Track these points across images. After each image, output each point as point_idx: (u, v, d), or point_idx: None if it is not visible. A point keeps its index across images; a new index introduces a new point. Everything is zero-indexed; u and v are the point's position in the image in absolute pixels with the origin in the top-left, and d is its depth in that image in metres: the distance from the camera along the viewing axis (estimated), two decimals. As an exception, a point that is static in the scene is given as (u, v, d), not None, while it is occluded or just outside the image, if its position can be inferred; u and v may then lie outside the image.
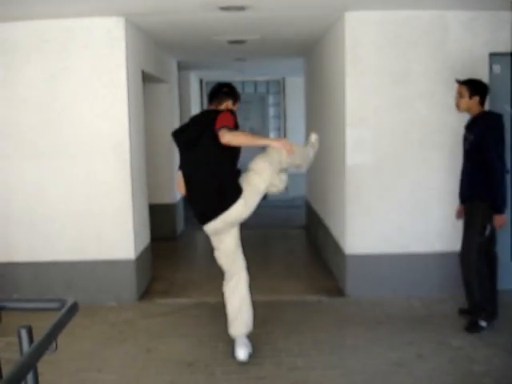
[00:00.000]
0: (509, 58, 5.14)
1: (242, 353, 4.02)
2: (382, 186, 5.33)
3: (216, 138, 3.69)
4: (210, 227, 3.89)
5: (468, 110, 4.56)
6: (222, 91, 4.14)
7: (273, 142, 3.96)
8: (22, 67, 5.15)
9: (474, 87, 4.50)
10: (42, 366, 1.75)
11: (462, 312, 4.85)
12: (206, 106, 12.23)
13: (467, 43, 5.15)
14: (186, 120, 4.27)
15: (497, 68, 5.19)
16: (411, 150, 5.28)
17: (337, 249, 5.85)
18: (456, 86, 4.57)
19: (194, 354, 4.21)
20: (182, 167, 4.06)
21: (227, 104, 4.08)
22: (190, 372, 3.92)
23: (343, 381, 3.75)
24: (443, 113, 5.16)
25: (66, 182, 5.26)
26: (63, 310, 2.22)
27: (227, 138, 3.63)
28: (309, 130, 8.59)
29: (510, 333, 4.48)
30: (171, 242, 8.05)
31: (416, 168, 5.29)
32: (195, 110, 11.12)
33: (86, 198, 5.27)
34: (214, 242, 4.08)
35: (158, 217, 7.20)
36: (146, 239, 5.90)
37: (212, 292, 5.58)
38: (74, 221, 5.30)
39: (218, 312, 5.02)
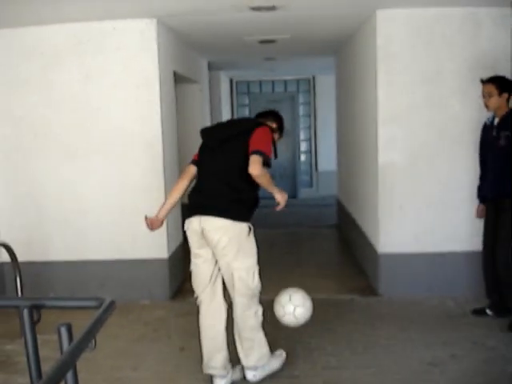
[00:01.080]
0: (542, 54, 5.08)
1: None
2: (415, 184, 5.30)
3: (247, 148, 3.49)
4: (207, 223, 3.53)
5: (498, 109, 4.52)
6: (274, 117, 3.95)
7: (277, 193, 3.59)
8: (57, 68, 5.26)
9: (502, 84, 4.47)
10: (78, 364, 1.76)
11: (476, 312, 4.85)
12: (236, 106, 12.28)
13: (500, 40, 5.06)
14: (221, 121, 4.24)
15: (531, 65, 5.12)
16: (444, 148, 5.23)
17: (369, 248, 5.82)
18: (482, 86, 4.54)
19: (227, 351, 4.24)
20: (199, 162, 3.77)
21: (274, 135, 3.83)
22: (224, 370, 3.95)
23: (376, 380, 3.76)
24: (476, 111, 5.09)
25: (101, 182, 5.35)
26: (101, 309, 2.26)
27: (258, 171, 3.40)
28: (339, 128, 8.58)
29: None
30: (203, 240, 8.10)
31: (449, 167, 5.24)
32: (226, 109, 11.18)
33: (120, 198, 5.35)
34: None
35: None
36: (178, 238, 5.95)
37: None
38: (108, 220, 5.38)
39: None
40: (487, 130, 4.67)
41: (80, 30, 5.19)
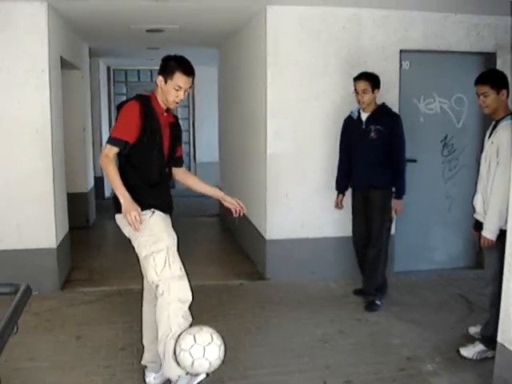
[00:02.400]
0: (418, 54, 5.56)
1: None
2: (300, 174, 5.58)
3: None
4: None
5: (369, 104, 4.82)
6: (161, 64, 3.41)
7: (124, 202, 3.16)
8: None
9: (375, 82, 4.78)
10: None
11: (356, 292, 5.24)
12: (113, 95, 12.08)
13: (380, 40, 5.49)
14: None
15: (406, 64, 5.58)
16: (327, 139, 5.53)
17: (256, 234, 6.05)
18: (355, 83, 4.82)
19: (125, 339, 4.26)
20: None
21: (160, 81, 3.34)
22: (124, 356, 3.99)
23: (272, 357, 3.97)
24: (356, 105, 5.46)
25: (-15, 170, 5.11)
26: (19, 293, 2.27)
27: (101, 162, 3.21)
28: (222, 120, 8.74)
29: (420, 309, 4.89)
30: (85, 231, 7.97)
31: (331, 157, 5.54)
32: (104, 98, 10.98)
33: (5, 186, 5.13)
34: None
35: (72, 206, 7.06)
36: (65, 228, 5.84)
37: (133, 279, 5.57)
38: (-8, 209, 5.16)
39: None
40: (354, 123, 4.95)
41: (-38, 11, 4.91)
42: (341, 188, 5.14)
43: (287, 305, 5.03)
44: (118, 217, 3.41)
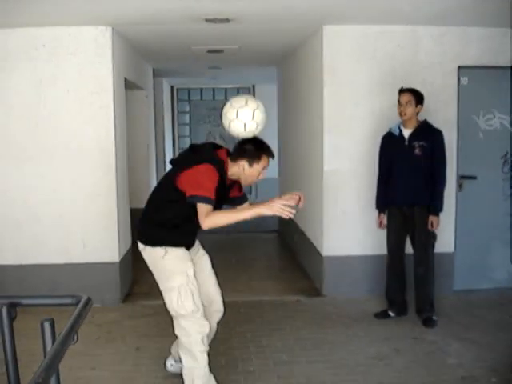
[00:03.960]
0: (476, 70, 5.50)
1: None
2: (357, 190, 5.59)
3: (174, 178, 3.35)
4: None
5: (410, 119, 4.80)
6: (241, 147, 3.38)
7: (262, 210, 3.17)
8: (10, 73, 5.24)
9: (419, 96, 4.77)
10: (34, 365, 1.77)
11: (378, 316, 5.14)
12: (176, 113, 12.38)
13: (437, 56, 5.47)
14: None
15: (464, 80, 5.53)
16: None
17: (314, 251, 6.08)
18: (399, 95, 4.81)
19: (182, 351, 4.38)
20: None
21: (243, 165, 3.35)
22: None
23: (327, 373, 3.98)
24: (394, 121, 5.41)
25: (52, 186, 5.37)
26: (80, 305, 2.41)
27: (206, 225, 3.15)
28: (281, 136, 8.85)
29: (478, 329, 4.80)
30: (147, 245, 8.17)
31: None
32: (167, 116, 11.28)
33: (71, 203, 5.39)
34: None
35: (135, 221, 7.29)
36: (128, 242, 6.04)
37: (193, 293, 5.79)
38: (59, 224, 5.41)
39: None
40: (395, 140, 4.91)
41: (34, 35, 5.20)
42: (383, 206, 5.09)
43: (343, 322, 5.03)
44: (140, 246, 3.55)
